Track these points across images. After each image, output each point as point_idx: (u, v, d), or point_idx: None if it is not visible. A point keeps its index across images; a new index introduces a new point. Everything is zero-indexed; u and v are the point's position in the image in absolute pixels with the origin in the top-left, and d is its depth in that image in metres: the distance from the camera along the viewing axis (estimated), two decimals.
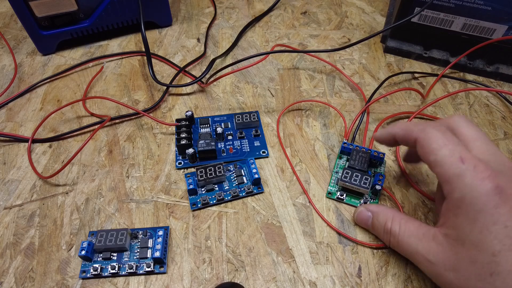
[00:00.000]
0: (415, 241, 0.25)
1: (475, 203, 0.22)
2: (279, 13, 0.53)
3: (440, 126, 0.26)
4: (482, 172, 0.22)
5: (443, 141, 0.24)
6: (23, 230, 0.31)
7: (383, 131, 0.30)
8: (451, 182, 0.23)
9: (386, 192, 0.33)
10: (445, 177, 0.24)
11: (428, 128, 0.25)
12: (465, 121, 0.27)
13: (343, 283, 0.28)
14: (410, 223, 0.26)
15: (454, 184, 0.23)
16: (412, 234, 0.26)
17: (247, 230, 0.31)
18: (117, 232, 0.29)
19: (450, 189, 0.23)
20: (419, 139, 0.26)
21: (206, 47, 0.47)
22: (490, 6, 0.37)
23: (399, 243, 0.27)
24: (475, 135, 0.26)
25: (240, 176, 0.34)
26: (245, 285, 0.28)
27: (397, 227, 0.27)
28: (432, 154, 0.24)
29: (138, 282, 0.28)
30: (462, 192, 0.22)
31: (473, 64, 0.43)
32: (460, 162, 0.23)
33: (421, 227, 0.26)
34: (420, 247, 0.25)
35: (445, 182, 0.24)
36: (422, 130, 0.26)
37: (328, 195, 0.33)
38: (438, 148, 0.24)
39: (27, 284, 0.28)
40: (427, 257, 0.24)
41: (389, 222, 0.27)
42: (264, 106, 0.40)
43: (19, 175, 0.35)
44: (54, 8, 0.42)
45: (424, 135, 0.25)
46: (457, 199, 0.23)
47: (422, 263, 0.25)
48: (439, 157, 0.24)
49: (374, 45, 0.47)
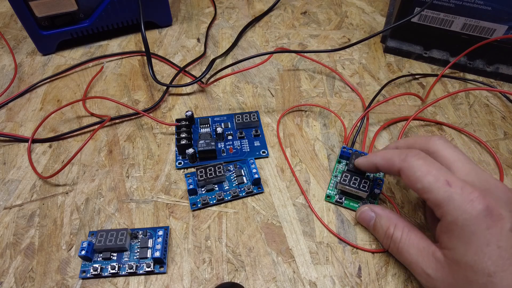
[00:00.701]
0: (415, 252, 0.26)
1: (467, 225, 0.22)
2: (279, 13, 0.53)
3: (420, 153, 0.26)
4: (470, 194, 0.23)
5: (426, 168, 0.25)
6: (23, 230, 0.31)
7: (364, 160, 0.30)
8: (441, 206, 0.24)
9: (385, 196, 0.33)
10: (434, 202, 0.24)
11: (409, 157, 0.26)
12: (443, 143, 0.27)
13: (343, 283, 0.28)
14: (413, 233, 0.26)
15: (445, 207, 0.23)
16: (413, 244, 0.26)
17: (247, 230, 0.31)
18: (117, 232, 0.29)
19: (442, 213, 0.24)
20: (403, 169, 0.26)
21: (206, 47, 0.47)
22: (490, 6, 0.37)
23: (398, 250, 0.27)
24: (455, 156, 0.26)
25: (240, 176, 0.34)
26: (245, 285, 0.28)
27: (399, 234, 0.27)
28: (418, 182, 0.25)
29: (138, 282, 0.28)
30: (454, 215, 0.23)
31: (473, 64, 0.43)
32: (447, 186, 0.23)
33: (422, 240, 0.26)
34: (420, 259, 0.25)
35: (436, 207, 0.24)
36: (404, 160, 0.26)
37: (327, 199, 0.33)
38: (422, 175, 0.24)
39: (27, 284, 0.28)
40: (426, 271, 0.25)
41: (391, 227, 0.27)
42: (264, 106, 0.40)
43: (19, 175, 0.35)
44: (54, 8, 0.42)
45: (407, 164, 0.26)
46: (450, 222, 0.23)
47: (420, 275, 0.25)
48: (425, 183, 0.24)
49: (374, 45, 0.47)
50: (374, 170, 0.29)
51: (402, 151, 0.27)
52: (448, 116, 0.39)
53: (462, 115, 0.39)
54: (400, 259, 0.27)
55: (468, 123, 0.38)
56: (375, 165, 0.29)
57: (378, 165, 0.28)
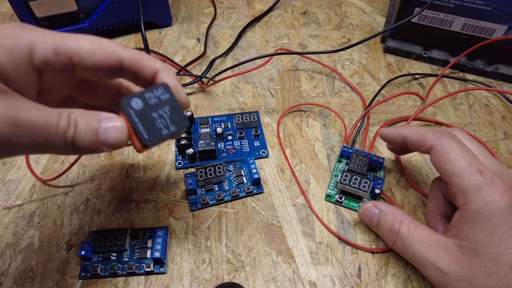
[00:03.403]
0: (424, 247, 0.25)
1: (493, 216, 0.22)
2: (279, 13, 0.53)
3: (455, 136, 0.26)
4: (500, 186, 0.23)
5: (460, 151, 0.24)
6: (23, 230, 0.31)
7: (392, 130, 0.29)
8: (467, 193, 0.23)
9: (385, 196, 0.33)
10: (461, 187, 0.24)
11: (444, 137, 0.25)
12: (465, 135, 0.27)
13: (343, 283, 0.28)
14: (420, 228, 0.26)
15: (471, 195, 0.23)
16: (421, 239, 0.25)
17: (247, 230, 0.31)
18: (117, 232, 0.29)
19: (465, 200, 0.23)
20: (436, 148, 0.25)
21: (206, 47, 0.47)
22: (490, 6, 0.38)
23: (405, 247, 0.26)
24: (478, 149, 0.26)
25: (240, 176, 0.34)
26: (245, 285, 0.28)
27: (405, 229, 0.26)
28: (449, 163, 0.24)
29: (138, 282, 0.28)
30: (480, 204, 0.23)
31: (473, 64, 0.43)
32: (478, 174, 0.23)
33: (431, 234, 0.25)
34: (429, 254, 0.24)
35: (461, 193, 0.24)
36: (439, 138, 0.26)
37: (327, 198, 0.33)
38: (456, 158, 0.24)
39: (27, 284, 0.28)
40: (437, 265, 0.24)
41: (397, 223, 0.27)
42: (264, 106, 0.40)
43: (19, 175, 0.35)
44: (54, 8, 0.42)
45: (441, 143, 0.25)
46: (474, 211, 0.23)
47: (430, 271, 0.24)
48: (457, 167, 0.24)
49: (374, 45, 0.47)
50: (400, 143, 0.29)
51: (437, 130, 0.26)
52: (448, 116, 0.39)
53: (462, 115, 0.39)
54: (406, 256, 0.27)
55: (468, 123, 0.38)
56: (404, 138, 0.28)
57: (409, 138, 0.28)
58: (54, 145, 0.19)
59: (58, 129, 0.18)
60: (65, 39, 0.20)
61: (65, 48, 0.20)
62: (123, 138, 0.20)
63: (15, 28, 0.19)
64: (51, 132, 0.18)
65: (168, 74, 0.23)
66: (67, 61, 0.20)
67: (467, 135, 0.28)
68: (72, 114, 0.19)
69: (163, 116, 0.21)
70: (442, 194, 0.28)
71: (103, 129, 0.20)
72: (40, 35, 0.19)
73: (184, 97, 0.23)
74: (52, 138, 0.18)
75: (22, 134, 0.17)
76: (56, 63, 0.20)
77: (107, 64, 0.21)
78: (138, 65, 0.22)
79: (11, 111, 0.17)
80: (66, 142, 0.19)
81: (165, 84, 0.22)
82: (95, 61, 0.21)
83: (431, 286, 0.27)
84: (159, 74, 0.23)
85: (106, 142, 0.20)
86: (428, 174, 0.34)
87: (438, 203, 0.28)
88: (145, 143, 0.21)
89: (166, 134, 0.21)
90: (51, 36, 0.20)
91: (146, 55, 0.23)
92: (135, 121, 0.21)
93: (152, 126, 0.21)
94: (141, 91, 0.22)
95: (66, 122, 0.19)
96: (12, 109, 0.17)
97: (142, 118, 0.21)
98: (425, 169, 0.35)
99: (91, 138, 0.20)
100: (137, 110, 0.21)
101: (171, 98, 0.22)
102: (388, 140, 0.30)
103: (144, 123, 0.21)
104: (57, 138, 0.19)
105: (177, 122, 0.22)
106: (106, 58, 0.21)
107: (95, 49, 0.21)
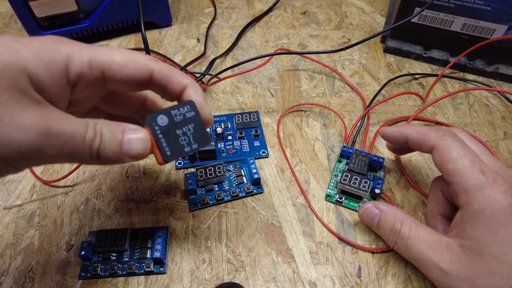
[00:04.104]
0: (425, 247, 0.25)
1: (496, 215, 0.22)
2: (279, 13, 0.53)
3: (457, 136, 0.26)
4: (502, 186, 0.23)
5: (463, 151, 0.24)
6: (23, 230, 0.31)
7: (394, 129, 0.29)
8: (470, 193, 0.23)
9: (385, 196, 0.33)
10: (463, 187, 0.24)
11: (447, 136, 0.25)
12: (466, 134, 0.27)
13: (343, 283, 0.28)
14: (421, 228, 0.26)
15: (473, 194, 0.23)
16: (422, 239, 0.25)
17: (247, 230, 0.31)
18: (117, 232, 0.29)
19: (468, 200, 0.23)
20: (438, 147, 0.25)
21: (206, 47, 0.47)
22: (490, 6, 0.38)
23: (407, 247, 0.26)
24: (479, 149, 0.26)
25: (240, 176, 0.34)
26: (245, 285, 0.28)
27: (407, 229, 0.26)
28: (451, 163, 0.24)
29: (138, 282, 0.28)
30: (482, 204, 0.23)
31: (473, 64, 0.43)
32: (481, 174, 0.23)
33: (432, 234, 0.25)
34: (431, 254, 0.24)
35: (463, 192, 0.24)
36: (441, 137, 0.25)
37: (327, 198, 0.33)
38: (458, 157, 0.24)
39: (27, 284, 0.28)
40: (439, 266, 0.24)
41: (398, 223, 0.27)
42: (264, 106, 0.40)
43: (19, 175, 0.35)
44: (54, 8, 0.42)
45: (443, 143, 0.25)
46: (476, 211, 0.23)
47: (432, 271, 0.24)
48: (459, 166, 0.24)
49: (374, 45, 0.47)
50: (401, 142, 0.29)
51: (439, 129, 0.26)
52: (448, 116, 0.39)
53: (462, 115, 0.39)
54: (408, 257, 0.26)
55: (468, 123, 0.38)
56: (406, 137, 0.28)
57: (410, 137, 0.28)
58: (79, 155, 0.19)
59: (85, 140, 0.19)
60: (99, 53, 0.20)
61: (99, 61, 0.20)
62: (146, 149, 0.21)
63: (53, 42, 0.19)
64: (79, 142, 0.19)
65: (195, 91, 0.23)
66: (100, 74, 0.21)
67: (468, 135, 0.28)
68: (98, 125, 0.20)
69: (186, 134, 0.22)
70: (443, 193, 0.28)
71: (127, 140, 0.20)
72: (76, 49, 0.20)
73: (209, 114, 0.24)
74: (79, 149, 0.19)
75: (52, 144, 0.18)
76: (89, 76, 0.20)
77: (138, 77, 0.22)
78: (167, 80, 0.23)
79: (45, 122, 0.18)
80: (92, 153, 0.19)
81: (192, 102, 0.23)
82: (126, 74, 0.21)
83: (431, 286, 0.28)
84: (186, 90, 0.23)
85: (130, 153, 0.20)
86: (428, 174, 0.34)
87: (438, 202, 0.28)
88: (166, 159, 0.21)
89: (188, 151, 0.22)
90: (86, 50, 0.20)
91: (176, 70, 0.23)
92: (159, 137, 0.21)
93: (175, 142, 0.22)
94: (167, 107, 0.22)
95: (92, 133, 0.19)
96: (46, 120, 0.18)
97: (166, 135, 0.21)
98: (425, 169, 0.35)
99: (115, 149, 0.20)
100: (162, 127, 0.21)
101: (196, 116, 0.22)
102: (389, 139, 0.30)
103: (168, 139, 0.21)
104: (84, 148, 0.19)
105: (199, 140, 0.22)
106: (137, 71, 0.21)
107: (127, 62, 0.21)
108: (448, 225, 0.27)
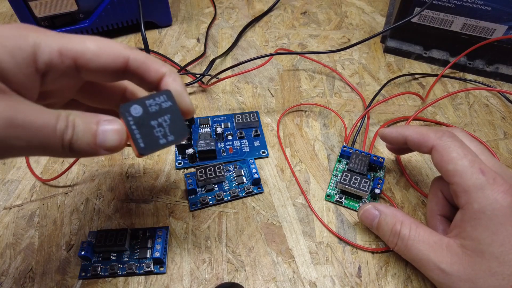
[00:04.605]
0: (426, 247, 0.25)
1: (497, 215, 0.22)
2: (279, 13, 0.53)
3: (456, 136, 0.26)
4: (502, 186, 0.23)
5: (462, 151, 0.24)
6: (23, 230, 0.31)
7: (393, 130, 0.29)
8: (469, 193, 0.23)
9: (385, 196, 0.33)
10: (463, 187, 0.23)
11: (446, 137, 0.25)
12: (465, 134, 0.27)
13: (343, 283, 0.28)
14: (421, 228, 0.26)
15: (473, 194, 0.23)
16: (423, 240, 0.25)
17: (247, 230, 0.31)
18: (117, 232, 0.29)
19: (468, 200, 0.23)
20: (437, 147, 0.25)
21: (206, 47, 0.47)
22: (490, 6, 0.38)
23: (407, 248, 0.26)
24: (479, 149, 0.26)
25: (240, 176, 0.34)
26: (245, 285, 0.28)
27: (407, 230, 0.26)
28: (451, 163, 0.24)
29: (138, 282, 0.28)
30: (482, 203, 0.23)
31: (473, 64, 0.43)
32: (481, 174, 0.23)
33: (432, 234, 0.25)
34: (432, 255, 0.24)
35: (463, 192, 0.24)
36: (440, 138, 0.25)
37: (327, 198, 0.33)
38: (458, 157, 0.24)
39: (27, 284, 0.28)
40: (440, 266, 0.24)
41: (398, 224, 0.26)
42: (264, 106, 0.40)
43: (18, 175, 0.35)
44: (54, 8, 0.42)
45: (443, 143, 0.25)
46: (477, 211, 0.23)
47: (433, 271, 0.24)
48: (459, 166, 0.24)
49: (374, 45, 0.47)
50: (400, 142, 0.29)
51: (438, 130, 0.26)
52: (448, 116, 0.39)
53: (462, 115, 0.39)
54: (408, 257, 0.26)
55: (468, 123, 0.38)
56: (405, 138, 0.28)
57: (410, 138, 0.28)
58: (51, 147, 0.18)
59: (56, 131, 0.18)
60: (70, 41, 0.20)
61: (70, 50, 0.19)
62: (121, 141, 0.20)
63: (20, 29, 0.19)
64: (49, 134, 0.18)
65: (174, 79, 0.22)
66: (72, 63, 0.20)
67: (468, 135, 0.28)
68: (71, 116, 0.19)
69: (162, 125, 0.21)
70: (442, 194, 0.28)
71: (102, 131, 0.19)
72: (45, 37, 0.19)
73: (189, 104, 0.23)
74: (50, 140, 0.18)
75: (18, 135, 0.17)
76: (60, 65, 0.19)
77: (112, 65, 0.21)
78: (144, 68, 0.22)
79: (9, 112, 0.17)
80: (63, 145, 0.18)
81: (168, 91, 0.22)
82: (100, 63, 0.20)
83: (431, 286, 0.27)
84: (164, 79, 0.22)
85: (104, 145, 0.19)
86: (428, 174, 0.34)
87: (438, 203, 0.28)
88: (140, 152, 0.20)
89: (163, 144, 0.21)
90: (56, 38, 0.19)
91: (153, 58, 0.22)
92: (132, 129, 0.20)
93: (150, 134, 0.21)
94: (142, 97, 0.21)
95: (64, 124, 0.18)
96: (9, 109, 0.17)
97: (140, 126, 0.20)
98: (425, 169, 0.35)
99: (89, 140, 0.19)
100: (135, 117, 0.20)
101: (173, 106, 0.22)
102: (388, 140, 0.30)
103: (142, 131, 0.20)
104: (54, 140, 0.18)
105: (176, 132, 0.21)
106: (112, 59, 0.20)
107: (101, 50, 0.20)
108: (447, 225, 0.27)
